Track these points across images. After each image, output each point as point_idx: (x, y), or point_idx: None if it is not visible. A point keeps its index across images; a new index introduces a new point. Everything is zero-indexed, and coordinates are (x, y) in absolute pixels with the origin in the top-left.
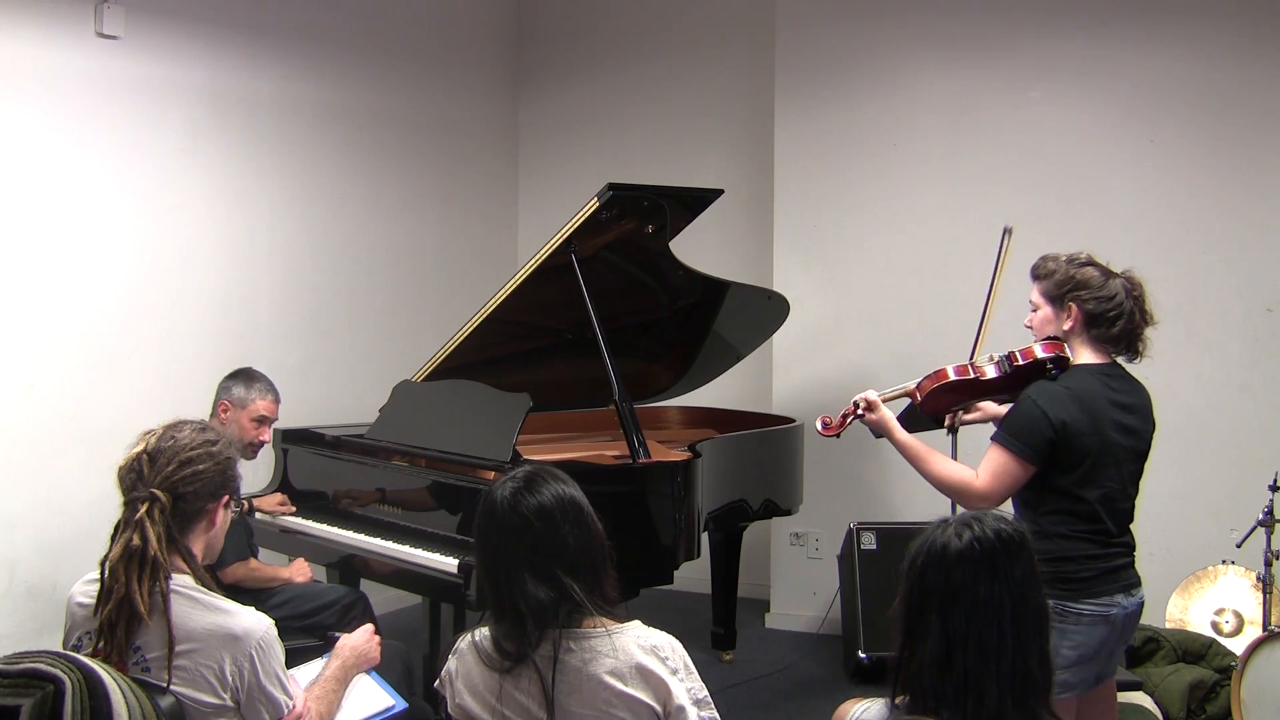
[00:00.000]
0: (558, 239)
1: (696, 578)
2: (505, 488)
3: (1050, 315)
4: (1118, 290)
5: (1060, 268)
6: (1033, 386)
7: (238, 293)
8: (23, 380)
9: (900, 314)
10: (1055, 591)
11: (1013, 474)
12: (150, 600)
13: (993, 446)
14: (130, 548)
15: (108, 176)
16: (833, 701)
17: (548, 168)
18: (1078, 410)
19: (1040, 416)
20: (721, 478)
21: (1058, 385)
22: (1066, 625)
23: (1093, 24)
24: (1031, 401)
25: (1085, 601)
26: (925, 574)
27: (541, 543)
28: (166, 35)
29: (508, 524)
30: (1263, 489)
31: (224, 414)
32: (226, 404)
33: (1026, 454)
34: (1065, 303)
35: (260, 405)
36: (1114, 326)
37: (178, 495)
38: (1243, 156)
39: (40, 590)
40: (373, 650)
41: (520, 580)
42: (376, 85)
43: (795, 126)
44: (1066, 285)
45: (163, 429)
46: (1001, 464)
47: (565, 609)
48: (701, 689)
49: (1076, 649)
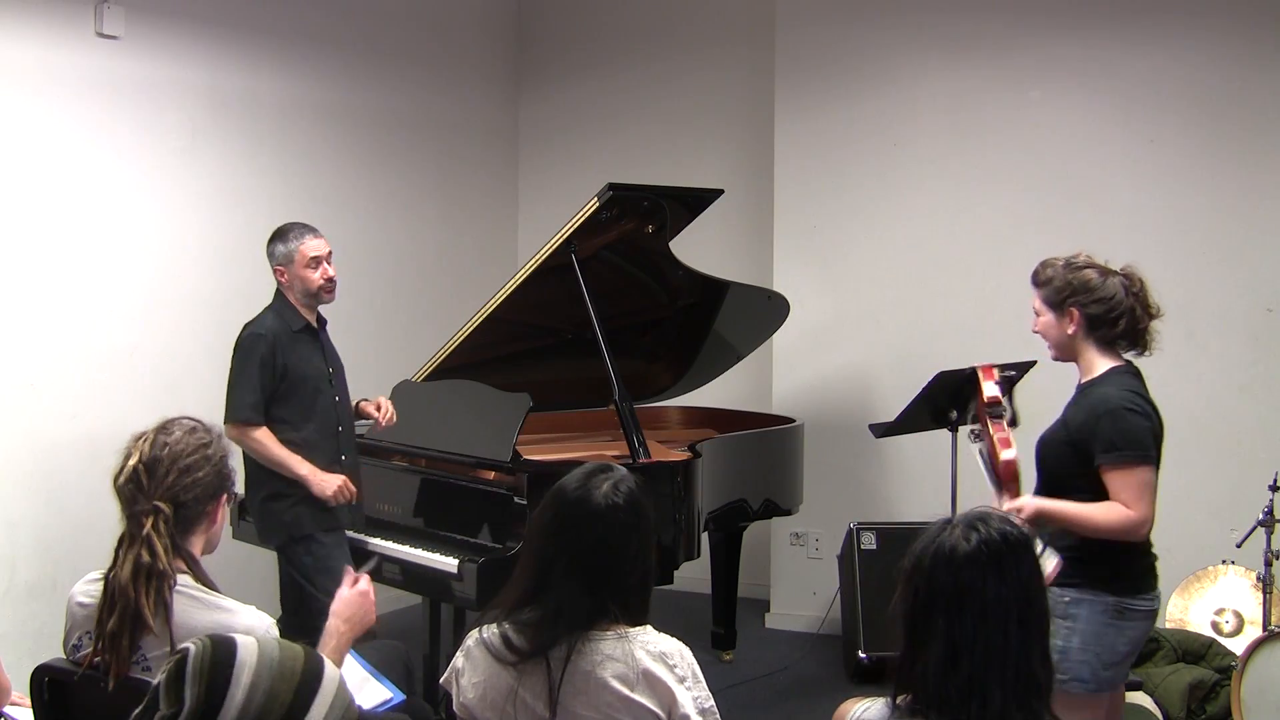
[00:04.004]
0: (558, 239)
1: (696, 578)
2: (591, 483)
3: (1053, 320)
4: (1116, 290)
5: (1058, 274)
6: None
7: (238, 293)
8: (24, 380)
9: (900, 314)
10: (1116, 588)
11: (1149, 483)
12: (156, 610)
13: (1118, 471)
14: (140, 564)
15: (108, 177)
16: (833, 701)
17: (548, 168)
18: (1144, 401)
19: (1136, 416)
20: (721, 478)
21: (1115, 388)
22: (1124, 622)
23: (1092, 24)
24: (1117, 408)
25: (1141, 597)
26: (933, 575)
27: (607, 549)
28: (166, 35)
29: (587, 520)
30: (1263, 489)
31: (283, 279)
32: (280, 269)
33: (1151, 457)
34: (1066, 308)
35: (306, 249)
36: (1117, 326)
37: (179, 504)
38: (1243, 156)
39: (40, 590)
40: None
41: (568, 578)
42: (376, 85)
43: (795, 126)
44: (1065, 291)
45: (154, 434)
46: (1139, 480)
47: (595, 617)
48: (708, 698)
49: (1130, 644)
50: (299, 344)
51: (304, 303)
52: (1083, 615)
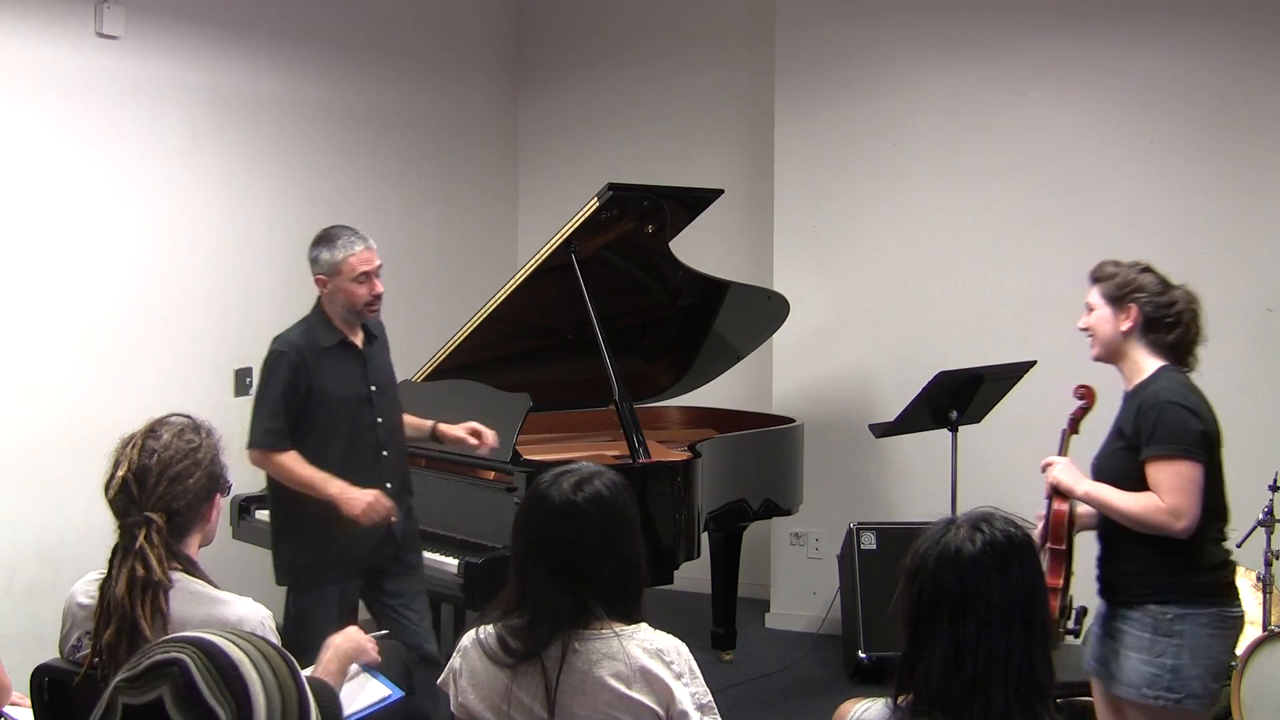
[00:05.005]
0: (558, 239)
1: (696, 578)
2: (557, 481)
3: (1109, 315)
4: (1178, 299)
5: (1122, 271)
6: (1152, 391)
7: (238, 293)
8: (24, 381)
9: (900, 314)
10: (1216, 598)
11: (1191, 478)
12: (153, 619)
13: (1157, 463)
14: (135, 578)
15: (108, 177)
16: (833, 701)
17: (548, 168)
18: (1198, 399)
19: (1184, 411)
20: (721, 478)
21: (1169, 383)
22: (1227, 631)
23: (1092, 24)
24: (1165, 403)
25: (1235, 604)
26: (937, 576)
27: (570, 547)
28: (166, 35)
29: (547, 518)
30: (1263, 489)
31: (324, 289)
32: (321, 277)
33: (1193, 453)
34: (1125, 303)
35: (353, 263)
36: (1170, 334)
37: (172, 512)
38: (1243, 156)
39: (40, 590)
40: (366, 642)
41: (543, 579)
42: (376, 85)
43: (795, 126)
44: (1128, 287)
45: (142, 439)
46: (1176, 472)
47: (580, 616)
48: (706, 694)
49: (1230, 654)
50: (329, 361)
51: (344, 318)
52: (1187, 630)
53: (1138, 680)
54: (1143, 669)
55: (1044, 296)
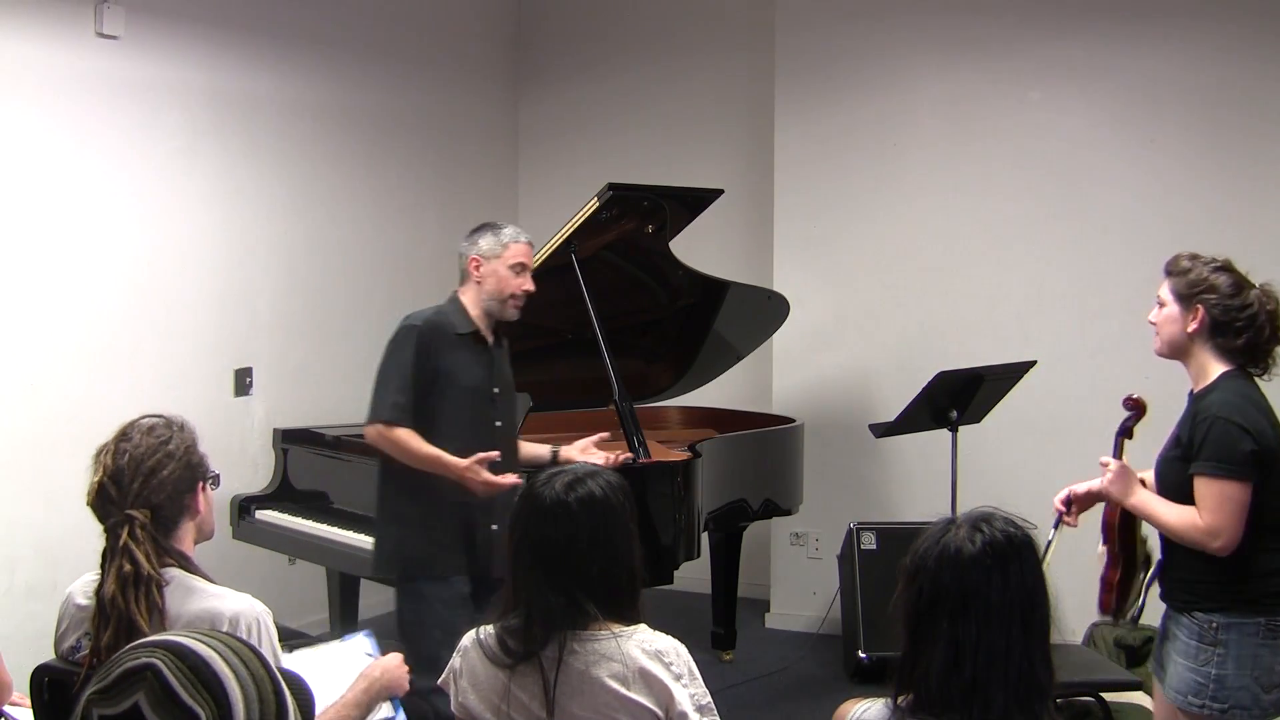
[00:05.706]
0: (558, 239)
1: (696, 578)
2: (550, 481)
3: (1177, 314)
4: (1252, 301)
5: (1195, 267)
6: (1208, 403)
7: (238, 293)
8: (23, 381)
9: (900, 314)
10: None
11: (1233, 498)
12: (150, 615)
13: (1201, 479)
14: (123, 575)
15: (107, 177)
16: (833, 701)
17: (548, 168)
18: (1257, 413)
19: (1235, 429)
20: (721, 478)
21: (1227, 394)
22: (1278, 641)
23: (1092, 25)
24: (1215, 418)
25: None
26: (937, 576)
27: (560, 547)
28: (166, 35)
29: (538, 518)
30: None
31: (475, 270)
32: (477, 259)
33: (1238, 472)
34: (1193, 304)
35: (515, 250)
36: (1239, 337)
37: (153, 507)
38: (1242, 156)
39: (40, 590)
40: (403, 678)
41: (535, 579)
42: (376, 86)
43: (795, 127)
44: (1198, 286)
45: (114, 444)
46: (1218, 492)
47: (574, 616)
48: (705, 695)
49: None
50: (458, 349)
51: (485, 307)
52: (1233, 640)
53: (1183, 688)
54: (1188, 676)
55: (1044, 296)
